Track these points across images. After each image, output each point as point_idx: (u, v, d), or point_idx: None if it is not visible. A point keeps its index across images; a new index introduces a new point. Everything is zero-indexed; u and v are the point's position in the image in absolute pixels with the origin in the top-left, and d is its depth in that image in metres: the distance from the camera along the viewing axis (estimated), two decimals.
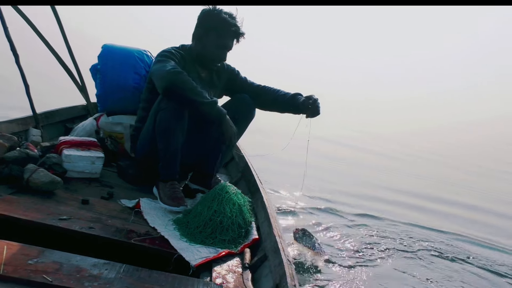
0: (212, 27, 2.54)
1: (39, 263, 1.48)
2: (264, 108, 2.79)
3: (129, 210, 2.21)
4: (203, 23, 2.57)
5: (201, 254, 1.86)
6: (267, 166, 4.96)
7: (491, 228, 5.24)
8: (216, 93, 2.75)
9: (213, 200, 2.16)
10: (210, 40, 2.55)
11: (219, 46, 2.56)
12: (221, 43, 2.55)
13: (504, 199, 7.52)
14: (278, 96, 2.72)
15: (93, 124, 3.16)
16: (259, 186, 2.72)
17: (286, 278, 1.63)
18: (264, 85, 2.81)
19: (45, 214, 1.90)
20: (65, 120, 3.72)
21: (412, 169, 8.89)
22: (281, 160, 5.04)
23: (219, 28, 2.53)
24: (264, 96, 2.75)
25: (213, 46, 2.56)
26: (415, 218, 4.90)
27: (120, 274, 1.53)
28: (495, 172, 11.17)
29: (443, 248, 4.03)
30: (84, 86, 3.74)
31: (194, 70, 2.60)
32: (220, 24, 2.52)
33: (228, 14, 2.54)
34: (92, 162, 2.54)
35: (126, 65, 3.17)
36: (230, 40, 2.58)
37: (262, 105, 2.77)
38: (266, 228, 2.17)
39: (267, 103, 2.76)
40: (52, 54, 3.46)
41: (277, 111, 2.80)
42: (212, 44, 2.55)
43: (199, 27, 2.58)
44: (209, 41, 2.55)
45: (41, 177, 2.12)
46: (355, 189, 5.95)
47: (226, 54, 2.62)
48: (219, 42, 2.55)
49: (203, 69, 2.67)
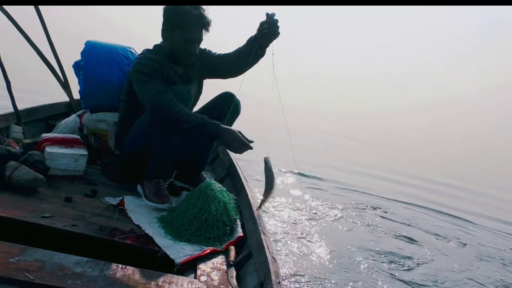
0: (175, 22, 2.46)
1: (21, 261, 1.46)
2: (240, 69, 2.65)
3: (113, 208, 2.19)
4: (167, 20, 2.49)
5: (185, 252, 1.85)
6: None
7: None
8: (195, 85, 2.71)
9: (198, 198, 2.16)
10: (176, 37, 2.47)
11: (187, 41, 2.47)
12: (187, 37, 2.45)
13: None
14: (241, 49, 2.60)
15: (76, 121, 3.13)
16: (244, 183, 2.73)
17: (270, 276, 1.63)
18: (231, 52, 2.70)
19: (27, 212, 1.87)
20: (47, 117, 3.68)
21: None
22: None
23: (182, 22, 2.43)
24: (235, 59, 2.63)
25: (180, 42, 2.47)
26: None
27: (104, 272, 1.52)
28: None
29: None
30: (67, 82, 3.70)
31: (171, 70, 2.53)
32: (183, 17, 2.42)
33: (190, 6, 2.44)
34: (75, 159, 2.51)
35: (110, 61, 3.14)
36: (197, 32, 2.48)
37: (238, 68, 2.66)
38: (251, 226, 2.18)
39: (239, 64, 2.63)
40: (34, 50, 3.42)
41: (250, 64, 2.60)
42: (179, 40, 2.47)
43: (164, 24, 2.51)
44: (175, 38, 2.47)
45: (23, 175, 2.09)
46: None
47: (195, 47, 2.51)
48: (185, 37, 2.45)
49: (178, 66, 2.59)
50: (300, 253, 3.42)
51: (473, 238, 4.77)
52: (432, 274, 3.51)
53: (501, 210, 6.88)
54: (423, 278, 3.39)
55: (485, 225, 5.43)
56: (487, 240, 4.83)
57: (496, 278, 3.75)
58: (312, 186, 5.68)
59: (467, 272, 3.74)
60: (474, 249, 4.41)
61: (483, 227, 5.35)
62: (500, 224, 5.77)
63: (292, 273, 3.04)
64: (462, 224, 5.27)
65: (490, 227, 5.42)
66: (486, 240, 4.84)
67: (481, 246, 4.54)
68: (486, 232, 5.19)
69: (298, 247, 3.51)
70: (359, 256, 3.56)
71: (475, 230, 5.17)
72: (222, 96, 2.72)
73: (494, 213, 6.34)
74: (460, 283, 3.48)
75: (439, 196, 6.80)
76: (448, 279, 3.49)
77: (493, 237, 5.04)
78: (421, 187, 7.33)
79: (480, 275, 3.72)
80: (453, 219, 5.43)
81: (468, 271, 3.77)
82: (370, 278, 3.22)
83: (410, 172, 8.66)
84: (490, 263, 4.11)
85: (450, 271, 3.67)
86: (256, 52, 2.49)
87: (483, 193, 8.13)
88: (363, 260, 3.50)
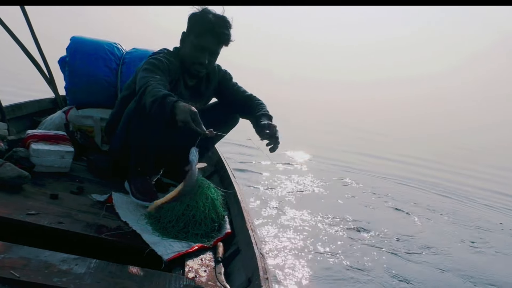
0: (191, 26, 2.38)
1: (6, 258, 1.44)
2: (243, 117, 2.65)
3: (99, 205, 2.17)
4: (188, 25, 2.41)
5: (173, 248, 1.84)
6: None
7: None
8: (202, 102, 2.62)
9: (185, 195, 2.15)
10: (189, 41, 2.38)
11: (197, 47, 2.35)
12: (199, 43, 2.34)
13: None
14: (253, 111, 2.52)
15: (62, 117, 3.10)
16: (232, 180, 2.72)
17: (258, 272, 1.64)
18: (250, 94, 2.63)
19: (12, 209, 1.85)
20: (32, 113, 3.64)
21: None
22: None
23: (197, 27, 2.34)
24: (247, 108, 2.57)
25: (191, 47, 2.37)
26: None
27: (91, 269, 1.51)
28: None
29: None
30: (52, 78, 3.67)
31: (181, 80, 2.45)
32: (199, 23, 2.34)
33: (213, 15, 2.34)
34: (61, 156, 2.48)
35: (95, 57, 3.12)
36: (210, 41, 2.35)
37: (242, 114, 2.64)
38: (239, 222, 2.18)
39: (242, 110, 2.61)
40: (18, 46, 3.38)
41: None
42: (190, 46, 2.37)
43: (186, 30, 2.43)
44: (188, 42, 2.39)
45: (8, 171, 2.06)
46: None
47: (205, 57, 2.37)
48: (196, 42, 2.35)
49: (191, 78, 2.50)
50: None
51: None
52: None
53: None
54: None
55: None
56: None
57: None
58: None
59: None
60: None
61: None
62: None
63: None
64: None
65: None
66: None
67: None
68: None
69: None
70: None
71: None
72: (231, 117, 2.64)
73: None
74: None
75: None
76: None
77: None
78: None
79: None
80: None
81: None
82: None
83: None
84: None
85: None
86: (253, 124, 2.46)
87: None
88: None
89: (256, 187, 4.95)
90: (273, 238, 3.47)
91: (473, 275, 3.42)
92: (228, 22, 2.37)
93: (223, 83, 2.63)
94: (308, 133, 11.11)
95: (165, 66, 2.29)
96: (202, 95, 2.60)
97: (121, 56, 3.24)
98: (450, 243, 4.15)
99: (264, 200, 4.47)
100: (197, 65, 2.40)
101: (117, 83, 3.16)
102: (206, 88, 2.60)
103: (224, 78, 2.63)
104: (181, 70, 2.44)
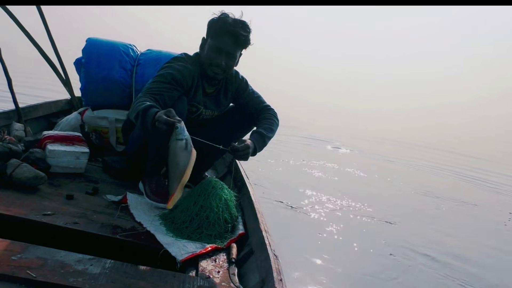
0: (210, 29, 2.35)
1: (23, 258, 1.46)
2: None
3: (114, 206, 2.19)
4: (206, 30, 2.39)
5: (187, 249, 1.85)
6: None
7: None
8: (220, 111, 2.62)
9: (199, 195, 2.15)
10: (207, 44, 2.36)
11: (213, 48, 2.32)
12: (215, 44, 2.31)
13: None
14: (256, 124, 2.51)
15: (77, 118, 3.13)
16: (245, 180, 2.72)
17: (272, 273, 1.63)
18: (264, 106, 2.60)
19: (29, 210, 1.87)
20: (49, 114, 3.68)
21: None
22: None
23: (215, 29, 2.31)
24: (255, 120, 2.55)
25: (208, 49, 2.34)
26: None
27: (106, 270, 1.52)
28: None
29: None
30: (68, 80, 3.71)
31: (200, 85, 2.43)
32: (217, 25, 2.31)
33: (231, 18, 2.32)
34: (76, 157, 2.51)
35: (111, 58, 3.14)
36: (227, 43, 2.30)
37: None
38: (253, 223, 2.17)
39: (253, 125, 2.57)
40: (35, 47, 3.42)
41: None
42: (208, 47, 2.35)
43: (205, 35, 2.41)
44: (206, 45, 2.37)
45: (25, 172, 2.09)
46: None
47: (222, 58, 2.33)
48: (213, 43, 2.32)
49: (209, 85, 2.48)
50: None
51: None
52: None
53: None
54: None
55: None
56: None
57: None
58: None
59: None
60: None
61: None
62: None
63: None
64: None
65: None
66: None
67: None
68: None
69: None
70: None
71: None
72: (248, 123, 2.61)
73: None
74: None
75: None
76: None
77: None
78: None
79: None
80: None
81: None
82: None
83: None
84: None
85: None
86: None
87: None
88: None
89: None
90: (287, 239, 3.45)
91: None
92: (246, 24, 2.34)
93: (238, 91, 2.60)
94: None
95: (178, 77, 2.28)
96: (220, 105, 2.59)
97: (136, 57, 3.26)
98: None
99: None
100: (214, 66, 2.35)
101: (132, 84, 3.18)
102: (224, 97, 2.58)
103: (240, 86, 2.59)
104: (200, 76, 2.43)
